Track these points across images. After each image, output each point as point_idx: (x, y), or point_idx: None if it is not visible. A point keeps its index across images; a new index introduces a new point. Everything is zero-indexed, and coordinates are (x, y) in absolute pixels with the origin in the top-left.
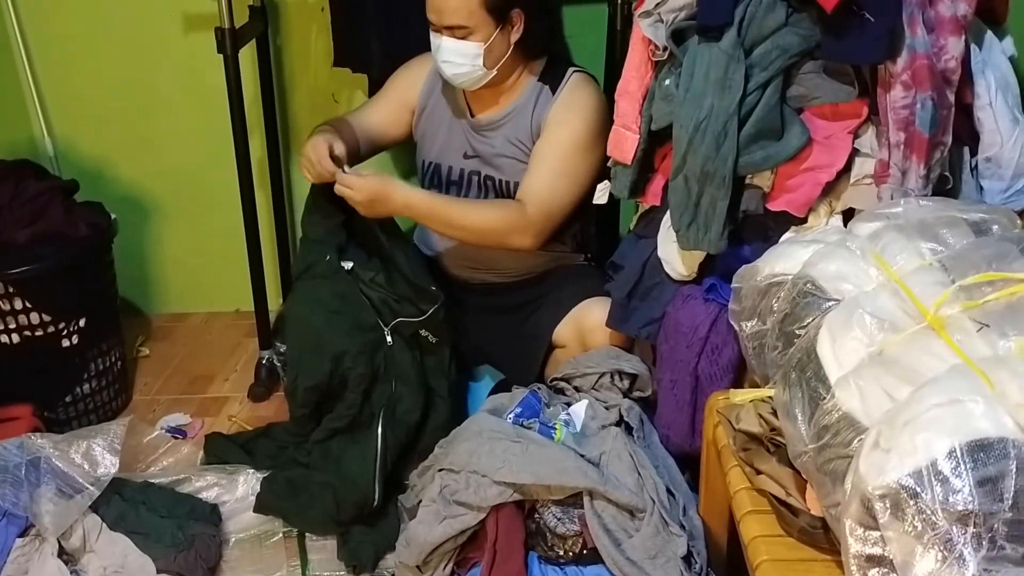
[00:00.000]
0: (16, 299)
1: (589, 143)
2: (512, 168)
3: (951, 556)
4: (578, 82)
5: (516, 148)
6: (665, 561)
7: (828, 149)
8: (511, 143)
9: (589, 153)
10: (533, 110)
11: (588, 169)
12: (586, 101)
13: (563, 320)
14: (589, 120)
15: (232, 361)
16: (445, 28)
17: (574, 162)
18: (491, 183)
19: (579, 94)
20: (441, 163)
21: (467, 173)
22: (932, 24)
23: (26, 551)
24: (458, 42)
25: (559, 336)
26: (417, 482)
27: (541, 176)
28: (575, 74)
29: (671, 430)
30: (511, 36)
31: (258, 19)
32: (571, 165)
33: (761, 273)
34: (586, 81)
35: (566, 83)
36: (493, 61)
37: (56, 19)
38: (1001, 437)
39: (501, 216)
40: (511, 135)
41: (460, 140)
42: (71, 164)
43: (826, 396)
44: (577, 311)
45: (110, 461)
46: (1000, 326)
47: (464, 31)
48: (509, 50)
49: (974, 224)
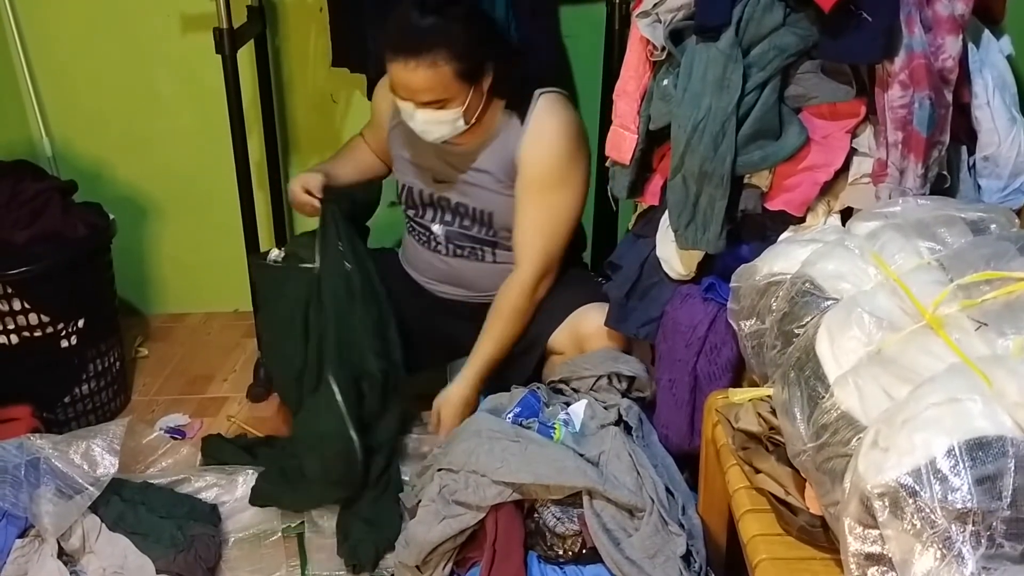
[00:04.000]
0: (15, 300)
1: (566, 170)
2: (482, 196)
3: (950, 554)
4: (545, 107)
5: (487, 177)
6: (664, 560)
7: (826, 148)
8: (484, 173)
9: (570, 180)
10: (506, 141)
11: (573, 195)
12: (554, 127)
13: (559, 327)
14: (561, 148)
15: (231, 361)
16: (420, 103)
17: (556, 199)
18: (463, 210)
19: (546, 121)
20: (413, 186)
21: (438, 198)
22: (929, 23)
23: (25, 551)
24: (435, 112)
25: (555, 343)
26: (417, 481)
27: (530, 225)
28: (542, 96)
29: (670, 429)
30: (484, 85)
31: (256, 19)
32: (554, 201)
33: (760, 272)
34: (553, 102)
35: (533, 110)
36: (471, 115)
37: (54, 20)
38: (999, 435)
39: (519, 300)
40: (484, 166)
41: (430, 164)
42: (69, 165)
43: (825, 395)
44: (574, 318)
45: (109, 461)
46: (998, 325)
47: (440, 103)
48: (483, 99)
49: (972, 223)
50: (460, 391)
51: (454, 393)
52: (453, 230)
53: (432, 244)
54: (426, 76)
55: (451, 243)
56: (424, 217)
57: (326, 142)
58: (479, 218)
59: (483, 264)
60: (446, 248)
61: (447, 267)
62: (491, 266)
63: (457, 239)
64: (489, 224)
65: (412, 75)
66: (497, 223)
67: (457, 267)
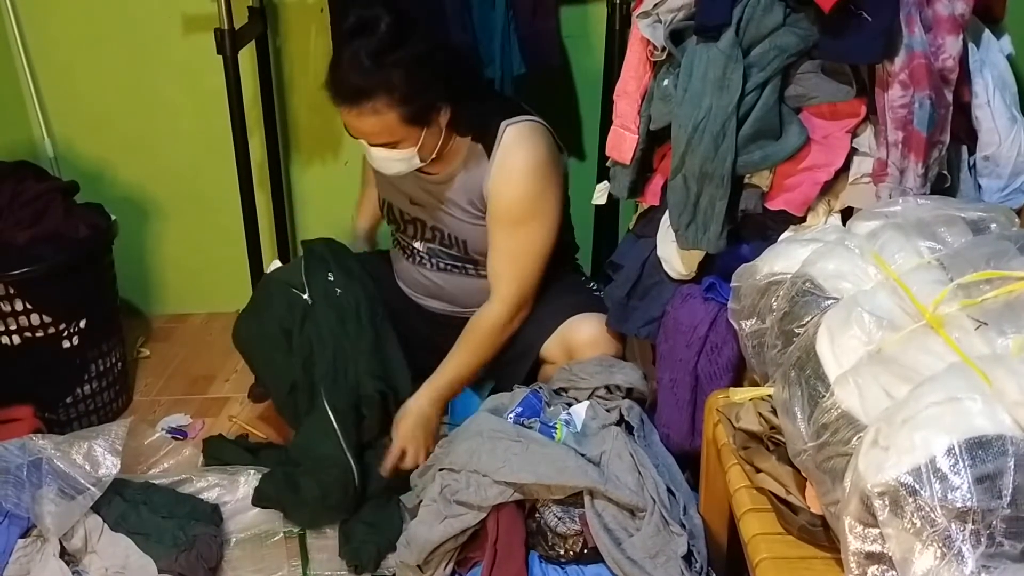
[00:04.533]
0: (17, 300)
1: (535, 203)
2: (456, 225)
3: (950, 553)
4: (511, 140)
5: (458, 208)
6: (666, 560)
7: (826, 148)
8: (454, 203)
9: (540, 211)
10: (473, 174)
11: (546, 226)
12: (521, 162)
13: (551, 336)
14: (527, 182)
15: (232, 362)
16: (371, 144)
17: (527, 230)
18: (439, 234)
19: (512, 155)
20: (393, 203)
21: (413, 219)
22: (930, 23)
23: (28, 552)
24: (389, 151)
25: (547, 352)
26: (418, 482)
27: (503, 259)
28: (508, 129)
29: (671, 429)
30: (440, 122)
31: (257, 20)
32: (526, 234)
33: (760, 272)
34: (519, 134)
35: (499, 143)
36: (428, 152)
37: (56, 21)
38: (999, 434)
39: (494, 331)
40: (454, 196)
41: (407, 186)
42: (71, 165)
43: (825, 394)
44: (565, 328)
45: (111, 462)
46: (998, 324)
47: (392, 143)
48: (442, 134)
49: (972, 222)
50: (418, 406)
51: (412, 408)
52: (434, 247)
53: (416, 259)
54: (370, 123)
55: (433, 259)
56: (406, 233)
57: (327, 142)
58: (453, 243)
59: (467, 278)
60: (430, 263)
61: (431, 283)
62: (476, 280)
63: (438, 255)
64: (464, 249)
65: (356, 121)
66: (472, 249)
67: (441, 282)
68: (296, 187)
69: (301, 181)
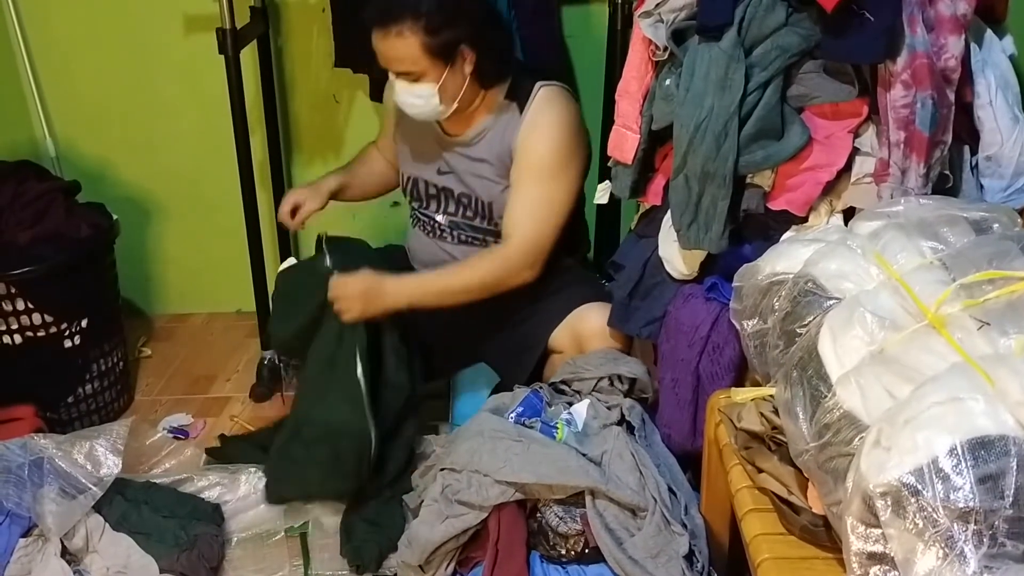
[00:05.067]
0: (18, 300)
1: (562, 162)
2: (485, 187)
3: (952, 553)
4: (545, 98)
5: (488, 167)
6: (667, 560)
7: (828, 148)
8: (483, 162)
9: (564, 172)
10: (504, 130)
11: (567, 188)
12: (553, 118)
13: (560, 325)
14: (558, 139)
15: (234, 361)
16: (397, 73)
17: (550, 187)
18: (466, 200)
19: (545, 112)
20: (418, 177)
21: (441, 188)
22: (932, 23)
23: (29, 551)
24: (412, 85)
25: (556, 342)
26: (420, 482)
27: (521, 208)
28: (542, 89)
29: (672, 429)
30: (464, 69)
31: (259, 20)
32: (547, 190)
33: (762, 272)
34: (553, 95)
35: (533, 100)
36: (450, 98)
37: (57, 21)
38: (1002, 435)
39: (494, 266)
40: (482, 155)
41: (434, 156)
42: (72, 165)
43: (827, 394)
44: (574, 317)
45: (112, 461)
46: (1000, 324)
47: (414, 75)
48: (465, 83)
49: (974, 222)
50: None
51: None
52: (456, 219)
53: (437, 232)
54: (393, 45)
55: (455, 231)
56: (428, 208)
57: (329, 142)
58: (480, 209)
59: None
60: (451, 235)
61: (450, 257)
62: None
63: (461, 228)
64: (489, 215)
65: (382, 44)
66: (496, 213)
67: (460, 256)
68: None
69: (302, 181)
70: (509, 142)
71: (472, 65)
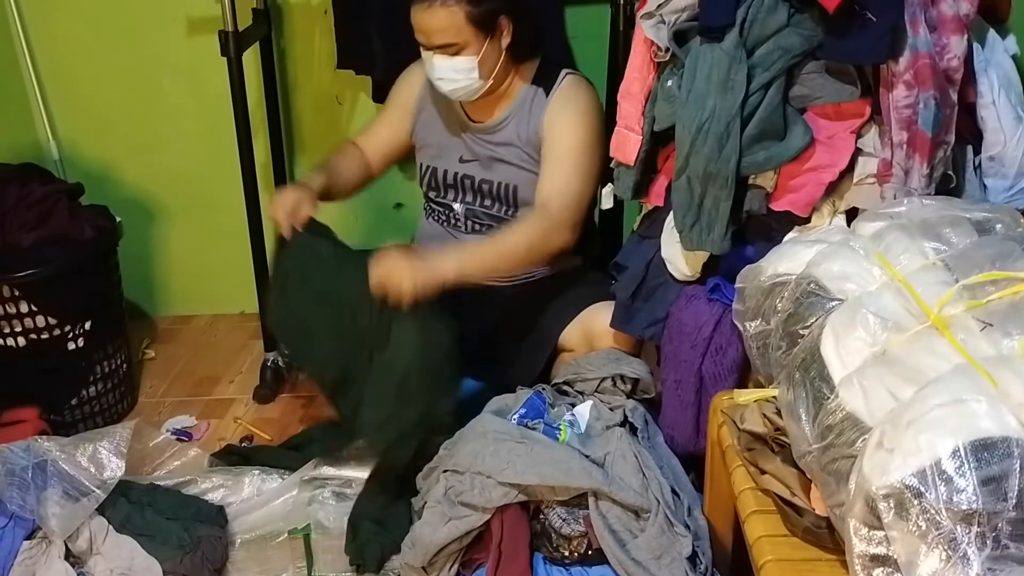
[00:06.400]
0: (22, 302)
1: (591, 141)
2: (509, 172)
3: (955, 555)
4: (571, 84)
5: (513, 151)
6: (670, 561)
7: (831, 149)
8: (508, 146)
9: (593, 151)
10: (529, 114)
11: (595, 167)
12: (581, 101)
13: (570, 324)
14: (587, 119)
15: (237, 363)
16: (436, 48)
17: (581, 161)
18: (487, 186)
19: (573, 95)
20: (438, 167)
21: (462, 177)
22: (934, 23)
23: (33, 553)
24: (451, 59)
25: (566, 340)
26: (423, 484)
27: (557, 176)
28: (568, 76)
29: (675, 430)
30: (502, 42)
31: (261, 22)
32: (580, 163)
33: (765, 273)
34: (579, 82)
35: (559, 85)
36: (488, 71)
37: (60, 23)
38: (1005, 436)
39: (537, 226)
40: (508, 139)
41: (457, 144)
42: (76, 167)
43: (830, 396)
44: (585, 315)
45: (116, 464)
46: (1004, 325)
47: (455, 48)
48: (502, 57)
49: (977, 223)
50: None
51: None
52: (473, 208)
53: (451, 221)
54: (440, 16)
55: (470, 220)
56: (446, 197)
57: (331, 144)
58: (501, 195)
59: None
60: (464, 224)
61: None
62: None
63: (477, 216)
64: (512, 201)
65: (425, 15)
66: (520, 199)
67: None
68: None
69: None
70: (536, 123)
71: (509, 37)
